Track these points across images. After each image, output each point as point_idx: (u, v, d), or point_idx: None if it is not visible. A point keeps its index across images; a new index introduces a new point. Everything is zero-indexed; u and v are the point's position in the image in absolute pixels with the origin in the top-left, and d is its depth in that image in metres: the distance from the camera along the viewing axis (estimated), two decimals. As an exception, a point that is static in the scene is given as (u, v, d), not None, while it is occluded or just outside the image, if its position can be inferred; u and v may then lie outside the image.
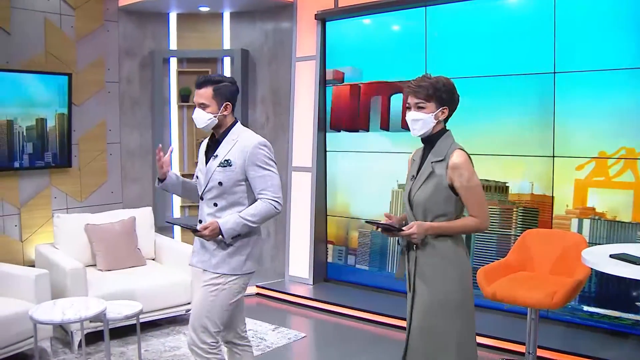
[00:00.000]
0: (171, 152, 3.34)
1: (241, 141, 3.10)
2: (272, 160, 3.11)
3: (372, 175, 5.78)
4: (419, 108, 2.76)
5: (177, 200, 6.63)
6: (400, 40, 5.57)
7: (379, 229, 2.83)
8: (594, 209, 4.56)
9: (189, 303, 5.10)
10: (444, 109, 2.77)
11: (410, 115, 2.78)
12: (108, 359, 4.02)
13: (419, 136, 2.82)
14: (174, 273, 5.17)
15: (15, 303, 4.26)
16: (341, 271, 6.12)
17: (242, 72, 6.43)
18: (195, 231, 3.07)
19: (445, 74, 5.10)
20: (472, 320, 2.80)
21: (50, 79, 5.39)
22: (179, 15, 6.47)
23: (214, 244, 3.11)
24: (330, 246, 6.20)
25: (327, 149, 6.13)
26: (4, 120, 5.13)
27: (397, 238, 2.80)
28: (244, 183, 3.09)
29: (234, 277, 3.11)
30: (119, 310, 4.04)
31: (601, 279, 4.51)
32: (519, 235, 4.32)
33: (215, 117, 3.10)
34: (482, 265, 3.98)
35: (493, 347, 4.56)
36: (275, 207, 3.06)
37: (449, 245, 2.75)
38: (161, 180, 3.29)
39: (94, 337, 4.65)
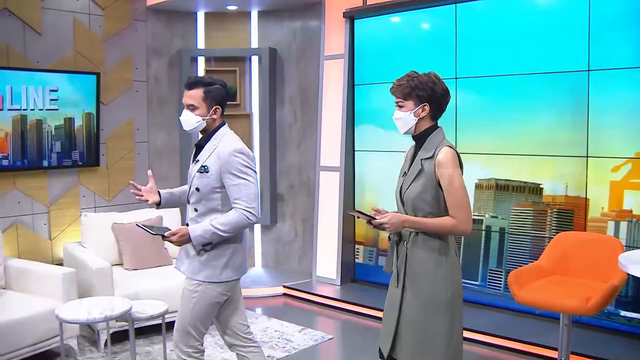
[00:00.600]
0: (152, 177, 3.32)
1: (220, 147, 3.03)
2: (249, 168, 3.02)
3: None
4: (399, 107, 2.83)
5: (204, 200, 6.61)
6: (430, 38, 5.47)
7: (359, 218, 2.85)
8: (630, 211, 4.40)
9: (215, 303, 5.07)
10: (424, 106, 2.79)
11: (394, 115, 2.85)
12: (133, 358, 4.02)
13: (405, 134, 2.87)
14: (200, 273, 5.14)
15: (43, 301, 4.28)
16: (369, 272, 6.04)
17: (270, 71, 6.40)
18: (163, 237, 3.01)
19: (476, 73, 5.11)
20: (459, 317, 2.83)
21: (78, 79, 5.42)
22: (206, 14, 6.46)
23: (193, 251, 3.07)
24: (360, 247, 6.12)
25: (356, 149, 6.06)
26: (34, 120, 5.17)
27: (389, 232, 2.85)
28: (220, 190, 3.04)
29: (211, 285, 3.06)
30: (145, 310, 4.03)
31: (639, 283, 4.36)
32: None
33: (203, 120, 3.04)
34: (516, 268, 3.87)
35: (524, 352, 4.44)
36: (247, 218, 2.97)
37: (439, 243, 2.78)
38: (157, 204, 3.28)
39: (120, 336, 4.65)
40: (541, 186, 4.84)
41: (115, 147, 5.92)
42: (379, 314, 5.30)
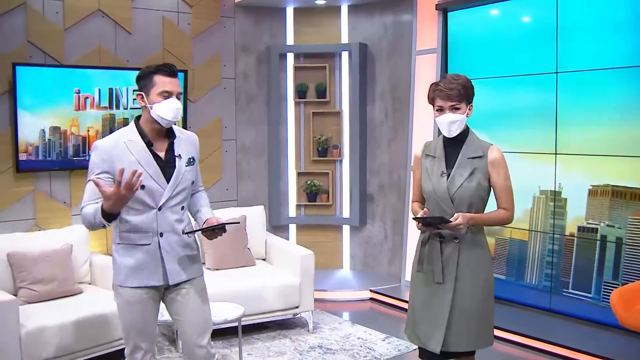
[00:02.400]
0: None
1: (185, 136, 3.01)
2: None
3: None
4: (455, 109, 2.88)
5: (292, 199, 6.51)
6: (529, 30, 5.06)
7: (420, 224, 2.91)
8: None
9: (297, 307, 4.94)
10: (470, 106, 2.94)
11: (448, 117, 2.88)
12: (208, 361, 3.94)
13: (455, 136, 2.94)
14: (283, 274, 5.03)
15: (123, 299, 4.30)
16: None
17: (360, 67, 6.20)
18: (224, 230, 2.90)
19: (580, 66, 4.64)
20: None
21: (166, 76, 5.42)
22: (295, 10, 6.34)
23: (185, 249, 2.95)
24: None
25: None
26: (121, 119, 5.23)
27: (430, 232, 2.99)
28: None
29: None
30: (221, 313, 3.94)
31: None
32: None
33: None
34: (631, 282, 3.44)
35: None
36: None
37: (483, 234, 3.01)
38: (115, 216, 2.71)
39: (200, 337, 4.61)
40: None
41: (202, 145, 5.75)
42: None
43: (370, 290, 5.93)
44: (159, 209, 2.85)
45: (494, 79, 5.27)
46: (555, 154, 4.85)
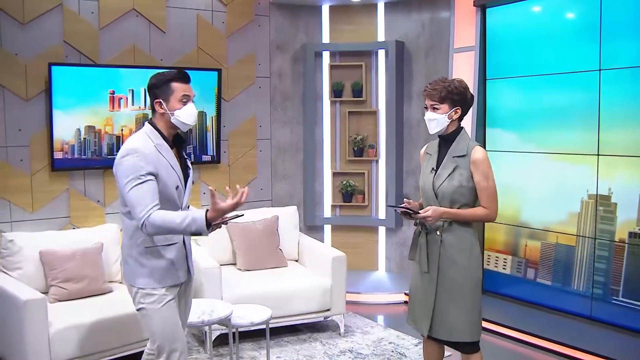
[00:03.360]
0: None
1: None
2: None
3: (549, 180, 5.09)
4: (434, 109, 3.13)
5: (328, 200, 6.43)
6: (570, 26, 4.85)
7: (397, 211, 3.21)
8: None
9: (328, 309, 4.86)
10: (456, 109, 3.13)
11: (427, 116, 3.16)
12: (235, 364, 3.90)
13: (435, 134, 3.20)
14: (315, 276, 4.96)
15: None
16: (498, 283, 5.51)
17: (396, 65, 6.07)
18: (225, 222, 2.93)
19: (624, 64, 4.42)
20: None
21: (199, 75, 5.38)
22: (331, 8, 6.24)
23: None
24: (506, 256, 5.52)
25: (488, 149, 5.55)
26: (155, 117, 5.23)
27: (413, 224, 3.28)
28: None
29: None
30: (247, 316, 3.88)
31: None
32: None
33: None
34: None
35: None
36: None
37: (471, 231, 3.17)
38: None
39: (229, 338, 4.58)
40: None
41: (237, 144, 5.87)
42: (510, 332, 4.82)
43: (405, 294, 5.80)
44: (181, 205, 2.97)
45: (534, 77, 5.09)
46: (598, 155, 4.64)
